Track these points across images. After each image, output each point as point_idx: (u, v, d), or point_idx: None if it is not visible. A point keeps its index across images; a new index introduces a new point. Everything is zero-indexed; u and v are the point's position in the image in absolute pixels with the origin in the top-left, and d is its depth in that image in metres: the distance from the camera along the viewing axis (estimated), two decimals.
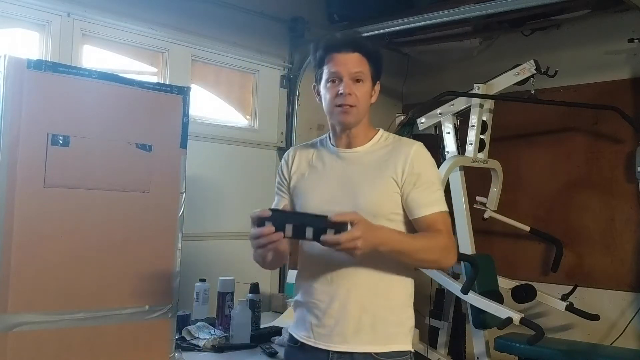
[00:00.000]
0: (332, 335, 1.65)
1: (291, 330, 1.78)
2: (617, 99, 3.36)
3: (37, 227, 1.78)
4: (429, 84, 4.04)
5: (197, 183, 2.74)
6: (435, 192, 1.68)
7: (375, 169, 1.68)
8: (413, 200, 1.65)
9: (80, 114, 1.87)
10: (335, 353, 1.65)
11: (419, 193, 1.65)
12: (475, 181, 3.44)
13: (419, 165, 1.67)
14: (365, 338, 1.64)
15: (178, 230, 2.06)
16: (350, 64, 1.66)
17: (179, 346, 2.28)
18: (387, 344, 1.65)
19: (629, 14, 3.30)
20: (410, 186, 1.65)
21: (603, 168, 3.51)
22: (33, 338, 1.77)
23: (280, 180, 1.83)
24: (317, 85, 1.75)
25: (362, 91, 1.68)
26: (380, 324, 1.65)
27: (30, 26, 2.64)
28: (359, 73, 1.67)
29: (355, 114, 1.68)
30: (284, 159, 1.85)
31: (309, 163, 1.79)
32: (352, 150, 1.73)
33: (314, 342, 1.68)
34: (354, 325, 1.64)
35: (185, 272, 2.14)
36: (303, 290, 1.73)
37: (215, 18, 3.22)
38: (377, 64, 1.71)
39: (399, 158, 1.67)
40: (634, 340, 3.30)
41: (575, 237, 3.55)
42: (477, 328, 3.19)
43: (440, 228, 1.64)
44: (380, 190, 1.66)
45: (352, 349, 1.64)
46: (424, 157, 1.70)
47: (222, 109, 3.41)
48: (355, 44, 1.69)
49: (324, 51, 1.70)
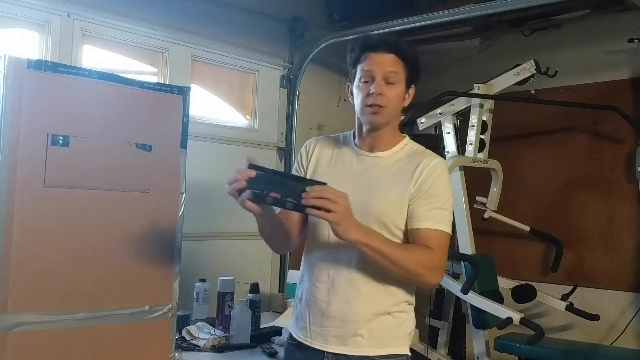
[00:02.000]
0: (329, 336, 1.64)
1: (290, 328, 1.78)
2: (617, 99, 3.36)
3: (37, 227, 1.78)
4: (429, 84, 4.02)
5: (197, 183, 2.74)
6: (440, 210, 1.63)
7: (392, 178, 1.66)
8: (414, 211, 1.62)
9: (80, 114, 1.87)
10: (330, 354, 1.64)
11: (423, 205, 1.62)
12: (475, 181, 3.45)
13: (432, 180, 1.63)
14: (362, 341, 1.63)
15: (178, 230, 2.06)
16: (384, 63, 1.64)
17: (179, 346, 2.28)
18: (385, 347, 1.65)
19: (629, 14, 3.30)
20: (417, 196, 1.62)
21: (603, 168, 3.51)
22: (33, 338, 1.76)
23: (297, 169, 1.80)
24: (351, 85, 1.73)
25: (393, 93, 1.65)
26: (378, 328, 1.64)
27: (30, 26, 2.64)
28: (392, 73, 1.64)
29: (384, 115, 1.65)
30: (304, 148, 1.81)
31: (329, 157, 1.76)
32: (375, 154, 1.71)
33: (310, 341, 1.67)
34: (351, 328, 1.63)
35: (185, 272, 2.14)
36: (304, 288, 1.73)
37: (215, 18, 3.22)
38: (413, 67, 1.69)
39: (417, 167, 1.64)
40: (634, 340, 3.30)
41: (575, 237, 3.55)
42: (477, 328, 3.20)
43: (432, 246, 1.59)
44: (392, 200, 1.63)
45: (349, 352, 1.63)
46: (440, 173, 1.65)
47: (222, 109, 3.41)
48: (392, 44, 1.66)
49: (360, 50, 1.68)
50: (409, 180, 1.63)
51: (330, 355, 1.64)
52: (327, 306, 1.65)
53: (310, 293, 1.69)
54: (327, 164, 1.75)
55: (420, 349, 3.45)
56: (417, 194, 1.62)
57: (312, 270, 1.70)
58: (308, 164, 1.78)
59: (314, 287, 1.68)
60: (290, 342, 1.77)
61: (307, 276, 1.72)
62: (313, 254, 1.71)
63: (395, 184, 1.64)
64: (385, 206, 1.63)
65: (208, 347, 2.34)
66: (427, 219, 1.61)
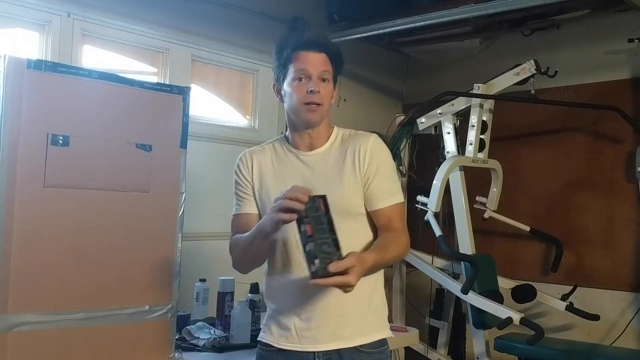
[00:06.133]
0: (318, 336, 1.66)
1: (265, 339, 1.74)
2: (617, 99, 3.36)
3: (37, 227, 1.78)
4: (429, 84, 4.04)
5: (197, 183, 2.74)
6: (392, 183, 1.74)
7: (338, 167, 1.70)
8: (372, 192, 1.70)
9: (80, 114, 1.87)
10: (321, 353, 1.66)
11: (378, 184, 1.70)
12: (475, 181, 3.44)
13: (377, 157, 1.71)
14: (349, 332, 1.66)
15: (178, 230, 2.06)
16: (318, 62, 1.68)
17: (179, 346, 2.28)
18: (371, 334, 1.69)
19: (629, 14, 3.31)
20: (370, 177, 1.69)
21: (603, 168, 3.51)
22: (33, 338, 1.77)
23: (243, 184, 1.78)
24: (278, 84, 1.74)
25: (327, 90, 1.70)
26: (361, 316, 1.68)
27: (30, 26, 2.64)
28: (325, 72, 1.69)
29: (321, 113, 1.69)
30: (240, 163, 1.80)
31: (270, 166, 1.76)
32: (314, 152, 1.73)
33: (300, 346, 1.67)
34: (338, 322, 1.66)
35: (185, 272, 2.14)
36: (280, 298, 1.72)
37: (215, 18, 3.22)
38: (339, 67, 1.75)
39: (358, 151, 1.70)
40: (634, 340, 3.30)
41: (575, 237, 3.55)
42: (477, 328, 3.19)
43: (397, 225, 1.69)
44: (347, 187, 1.68)
45: (339, 346, 1.66)
46: (381, 148, 1.74)
47: (222, 109, 3.41)
48: (323, 44, 1.72)
49: (292, 49, 1.70)
50: (356, 165, 1.70)
51: (321, 354, 1.66)
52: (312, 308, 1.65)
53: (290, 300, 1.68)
54: (272, 172, 1.76)
55: (420, 349, 3.45)
56: (368, 177, 1.69)
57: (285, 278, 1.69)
58: (252, 177, 1.77)
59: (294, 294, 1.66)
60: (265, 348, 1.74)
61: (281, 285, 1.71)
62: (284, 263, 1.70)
63: (343, 170, 1.70)
64: (343, 196, 1.66)
65: (208, 347, 2.34)
66: (385, 197, 1.70)
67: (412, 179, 3.70)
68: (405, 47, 4.01)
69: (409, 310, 3.76)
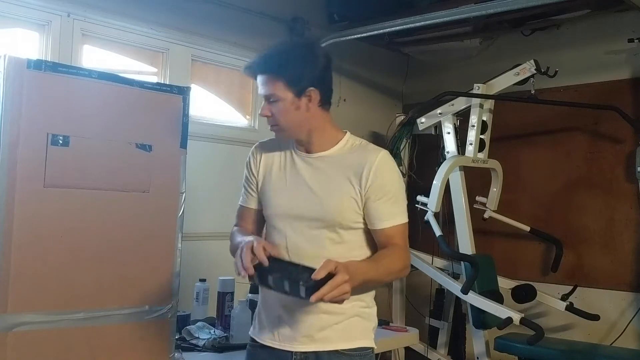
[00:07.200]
0: (297, 337, 1.65)
1: (252, 334, 1.77)
2: (617, 99, 3.36)
3: (37, 227, 1.78)
4: (429, 84, 4.04)
5: (197, 183, 2.74)
6: (398, 203, 1.66)
7: (339, 177, 1.66)
8: (375, 212, 1.64)
9: (80, 114, 1.87)
10: (298, 353, 1.65)
11: (381, 205, 1.63)
12: (475, 181, 3.45)
13: (382, 176, 1.64)
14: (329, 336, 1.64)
15: (178, 230, 2.06)
16: (262, 86, 1.66)
17: (179, 346, 2.28)
18: (352, 341, 1.67)
19: (629, 14, 3.31)
20: (373, 197, 1.63)
21: (603, 168, 3.51)
22: (33, 338, 1.76)
23: (249, 178, 1.80)
24: None
25: (277, 109, 1.64)
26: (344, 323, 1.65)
27: (30, 26, 2.64)
28: (269, 95, 1.65)
29: (283, 130, 1.68)
30: (251, 156, 1.81)
31: (279, 162, 1.76)
32: (318, 154, 1.70)
33: (278, 344, 1.68)
34: (318, 325, 1.64)
35: (185, 272, 2.14)
36: (266, 295, 1.74)
37: (215, 18, 3.22)
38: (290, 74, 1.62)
39: (364, 166, 1.63)
40: (634, 340, 3.30)
41: (575, 237, 3.55)
42: (477, 328, 3.19)
43: (398, 242, 1.65)
44: (343, 198, 1.64)
45: (317, 348, 1.64)
46: (388, 166, 1.66)
47: (222, 109, 3.41)
48: (258, 66, 1.66)
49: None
50: (358, 181, 1.63)
51: (298, 354, 1.65)
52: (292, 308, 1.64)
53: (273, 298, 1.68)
54: (279, 168, 1.75)
55: (420, 349, 3.45)
56: (370, 195, 1.63)
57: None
58: (258, 172, 1.78)
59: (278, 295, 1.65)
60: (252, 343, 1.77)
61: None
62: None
63: (344, 182, 1.65)
64: (337, 207, 1.64)
65: (208, 347, 2.34)
66: (388, 218, 1.64)
67: (412, 179, 3.70)
68: (405, 47, 4.01)
69: (409, 310, 3.76)
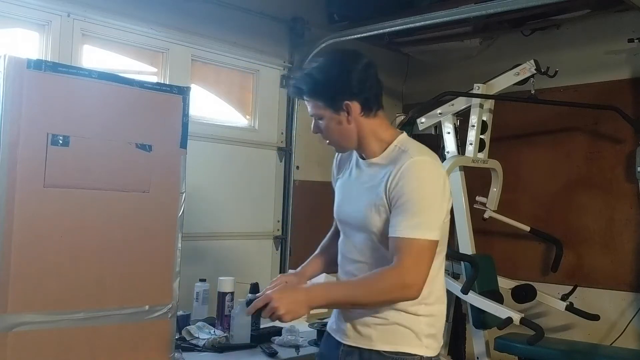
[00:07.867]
0: (346, 330, 1.73)
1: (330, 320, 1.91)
2: (617, 99, 3.36)
3: (37, 227, 1.78)
4: (429, 84, 4.04)
5: (197, 183, 2.74)
6: (414, 215, 1.56)
7: (374, 183, 1.68)
8: (391, 219, 1.61)
9: (80, 114, 1.87)
10: (345, 345, 1.73)
11: (398, 214, 1.59)
12: (475, 181, 3.44)
13: (407, 184, 1.58)
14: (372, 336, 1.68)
15: (178, 230, 2.06)
16: (308, 109, 1.76)
17: (179, 346, 2.28)
18: (393, 345, 1.67)
19: (629, 14, 3.30)
20: (393, 203, 1.61)
21: (603, 168, 3.51)
22: (33, 338, 1.76)
23: (332, 180, 1.94)
24: None
25: (323, 126, 1.74)
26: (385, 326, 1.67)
27: (30, 26, 2.64)
28: (314, 115, 1.75)
29: (336, 144, 1.78)
30: (334, 158, 1.93)
31: (347, 168, 1.85)
32: (370, 160, 1.75)
33: (335, 334, 1.79)
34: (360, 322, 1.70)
35: (185, 272, 2.14)
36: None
37: (215, 18, 3.22)
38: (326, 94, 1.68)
39: (391, 172, 1.62)
40: (634, 340, 3.30)
41: (575, 237, 3.55)
42: (477, 328, 3.19)
43: (400, 260, 1.55)
44: (368, 205, 1.67)
45: (361, 345, 1.70)
46: (415, 175, 1.59)
47: (222, 109, 3.41)
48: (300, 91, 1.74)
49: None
50: (385, 188, 1.62)
51: (344, 347, 1.73)
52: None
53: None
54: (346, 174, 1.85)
55: None
56: (392, 202, 1.61)
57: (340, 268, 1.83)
58: (335, 174, 1.92)
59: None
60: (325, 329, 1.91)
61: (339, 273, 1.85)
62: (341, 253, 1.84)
63: (373, 187, 1.68)
64: (367, 214, 1.67)
65: (208, 347, 2.34)
66: (398, 227, 1.58)
67: None
68: (405, 47, 4.01)
69: None
